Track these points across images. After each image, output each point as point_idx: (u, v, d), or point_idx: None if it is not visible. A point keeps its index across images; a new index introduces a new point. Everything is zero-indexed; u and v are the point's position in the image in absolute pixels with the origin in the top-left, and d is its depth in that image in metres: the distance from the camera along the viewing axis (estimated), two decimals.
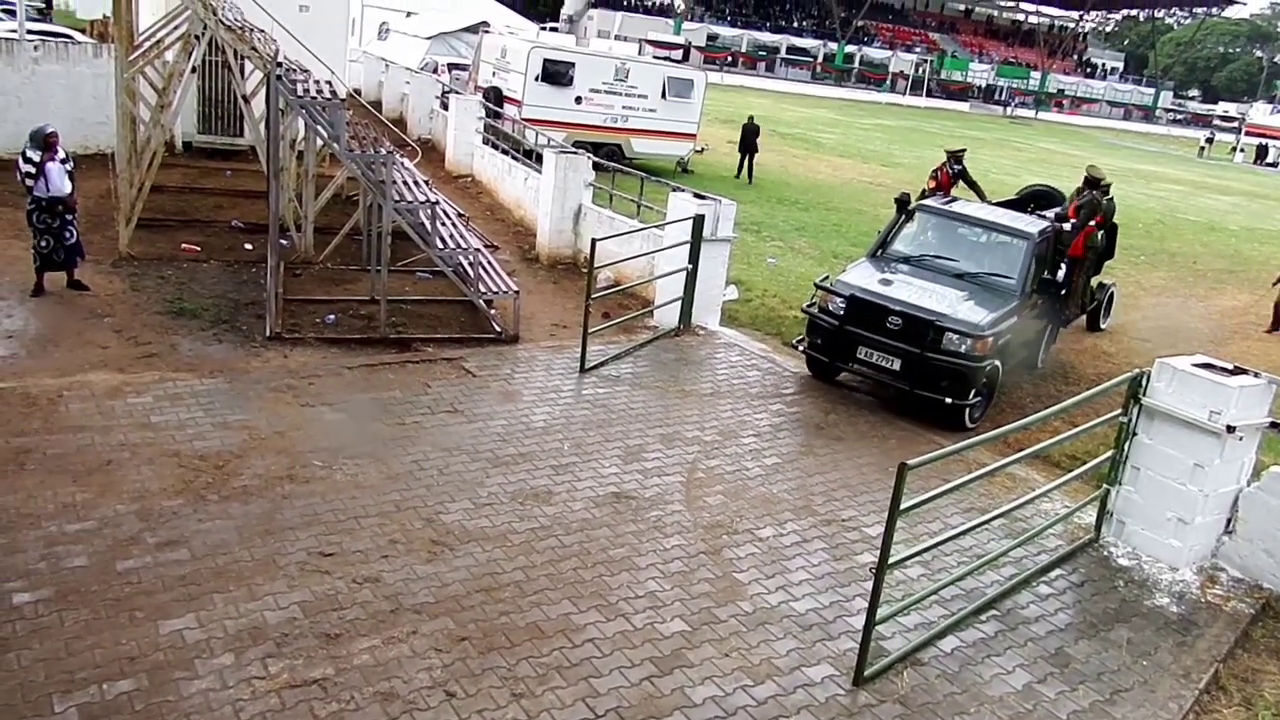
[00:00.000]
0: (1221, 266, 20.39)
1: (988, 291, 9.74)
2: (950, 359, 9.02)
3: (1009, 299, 9.71)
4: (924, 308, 9.22)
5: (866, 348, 9.41)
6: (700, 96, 23.17)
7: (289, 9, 13.67)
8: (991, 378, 9.47)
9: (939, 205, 11.25)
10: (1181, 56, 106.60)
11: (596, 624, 5.61)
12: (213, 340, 9.30)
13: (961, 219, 10.86)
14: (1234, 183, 43.54)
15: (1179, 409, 6.87)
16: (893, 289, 9.59)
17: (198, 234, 12.60)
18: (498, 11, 38.13)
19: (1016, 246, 10.24)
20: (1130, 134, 75.85)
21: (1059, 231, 10.97)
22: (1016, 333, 9.81)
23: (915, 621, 5.99)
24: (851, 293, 9.56)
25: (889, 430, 9.19)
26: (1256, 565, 6.99)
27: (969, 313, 9.24)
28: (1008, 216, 11.00)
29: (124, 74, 11.41)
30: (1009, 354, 9.80)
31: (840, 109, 56.67)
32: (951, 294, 9.53)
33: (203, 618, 5.19)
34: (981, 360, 9.07)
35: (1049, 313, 11.13)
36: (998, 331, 9.20)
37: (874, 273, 10.06)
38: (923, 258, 10.35)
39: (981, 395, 9.47)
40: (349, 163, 10.36)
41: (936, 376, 9.09)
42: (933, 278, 9.90)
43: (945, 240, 10.64)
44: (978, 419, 9.53)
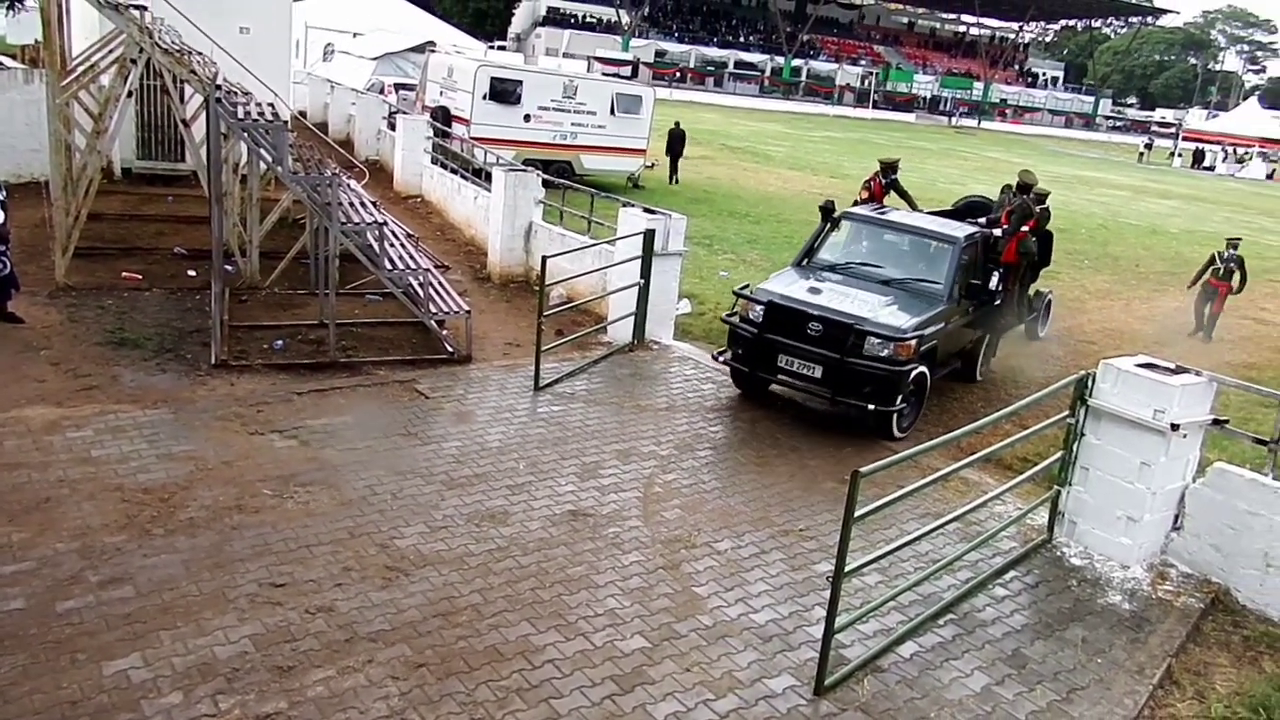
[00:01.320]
0: (1163, 269, 20.78)
1: (913, 297, 9.60)
2: (872, 364, 8.81)
3: (935, 304, 9.56)
4: (844, 312, 9.04)
5: (787, 355, 9.16)
6: (649, 112, 23.25)
7: (229, 31, 13.50)
8: (920, 384, 9.32)
9: (865, 212, 11.10)
10: (1119, 65, 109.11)
11: (556, 644, 5.54)
12: (156, 370, 9.09)
13: (887, 225, 10.72)
14: (1173, 187, 44.50)
15: (1124, 409, 6.99)
16: (814, 295, 9.39)
17: (139, 262, 12.34)
18: (444, 31, 38.12)
19: (942, 251, 10.11)
20: (1072, 141, 77.32)
21: (989, 238, 10.87)
22: (945, 338, 9.70)
23: (874, 629, 6.01)
24: (770, 299, 9.32)
25: (843, 439, 9.20)
26: (1204, 560, 7.11)
27: (891, 317, 9.05)
28: (934, 222, 10.91)
29: (57, 99, 11.16)
30: (938, 360, 9.70)
31: (789, 122, 57.18)
32: (874, 299, 9.36)
33: (149, 656, 5.04)
34: (904, 364, 8.85)
35: (983, 321, 10.92)
36: (921, 335, 8.99)
37: (796, 280, 9.85)
38: (848, 265, 10.20)
39: (909, 402, 9.28)
40: (293, 186, 10.22)
41: (859, 383, 8.87)
42: (857, 284, 9.73)
43: (871, 247, 10.52)
44: (907, 428, 9.37)
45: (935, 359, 9.55)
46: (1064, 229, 24.38)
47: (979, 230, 10.81)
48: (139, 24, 10.80)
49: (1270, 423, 7.64)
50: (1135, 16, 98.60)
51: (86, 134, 11.52)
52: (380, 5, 43.05)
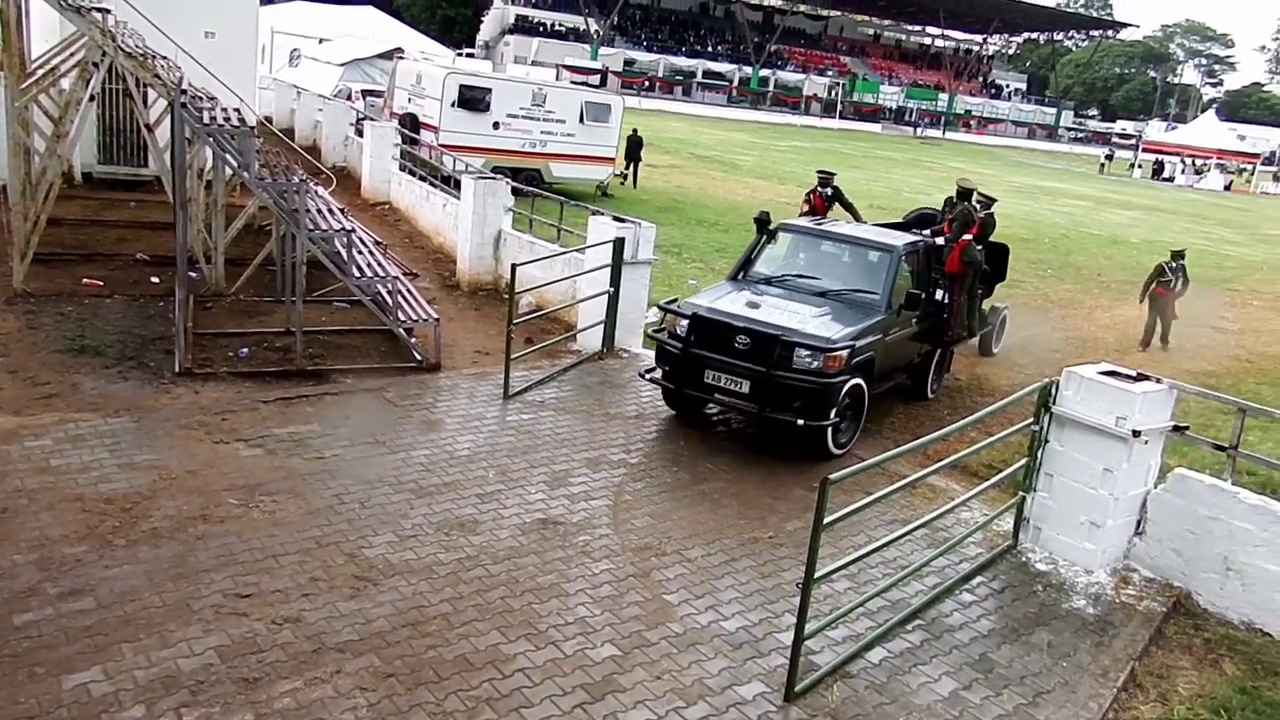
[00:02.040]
0: (1124, 278, 21.02)
1: (849, 308, 9.29)
2: (800, 377, 8.41)
3: (871, 314, 9.25)
4: (771, 324, 8.67)
5: (714, 371, 8.73)
6: (618, 121, 23.28)
7: (194, 35, 13.37)
8: (856, 397, 8.98)
9: (801, 223, 10.82)
10: (1081, 77, 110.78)
11: (526, 653, 5.51)
12: (118, 378, 8.95)
13: (824, 236, 10.44)
14: (1133, 198, 45.22)
15: (1087, 416, 7.08)
16: (743, 308, 9.03)
17: (100, 268, 12.15)
18: (412, 37, 37.99)
19: (879, 261, 9.84)
20: (1035, 152, 78.41)
21: (932, 247, 10.62)
22: (884, 351, 9.37)
23: (843, 635, 6.03)
24: (695, 312, 8.96)
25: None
26: (1166, 565, 7.20)
27: (821, 327, 8.69)
28: (872, 231, 10.68)
29: (15, 103, 10.99)
30: (877, 373, 9.32)
31: (756, 131, 57.49)
32: (807, 311, 9.03)
33: (110, 669, 4.95)
34: (835, 377, 8.46)
35: (929, 334, 10.61)
36: (853, 347, 8.65)
37: (728, 293, 9.49)
38: (784, 277, 9.90)
39: (846, 417, 8.94)
40: (260, 192, 10.12)
41: (787, 397, 8.47)
42: (792, 296, 9.44)
43: (808, 259, 10.24)
44: (845, 444, 9.03)
45: (873, 372, 9.17)
46: (1027, 238, 24.83)
47: (920, 240, 10.56)
48: (101, 27, 10.66)
49: (1229, 429, 7.78)
50: (1096, 30, 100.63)
51: (46, 138, 11.35)
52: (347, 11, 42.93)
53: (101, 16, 10.78)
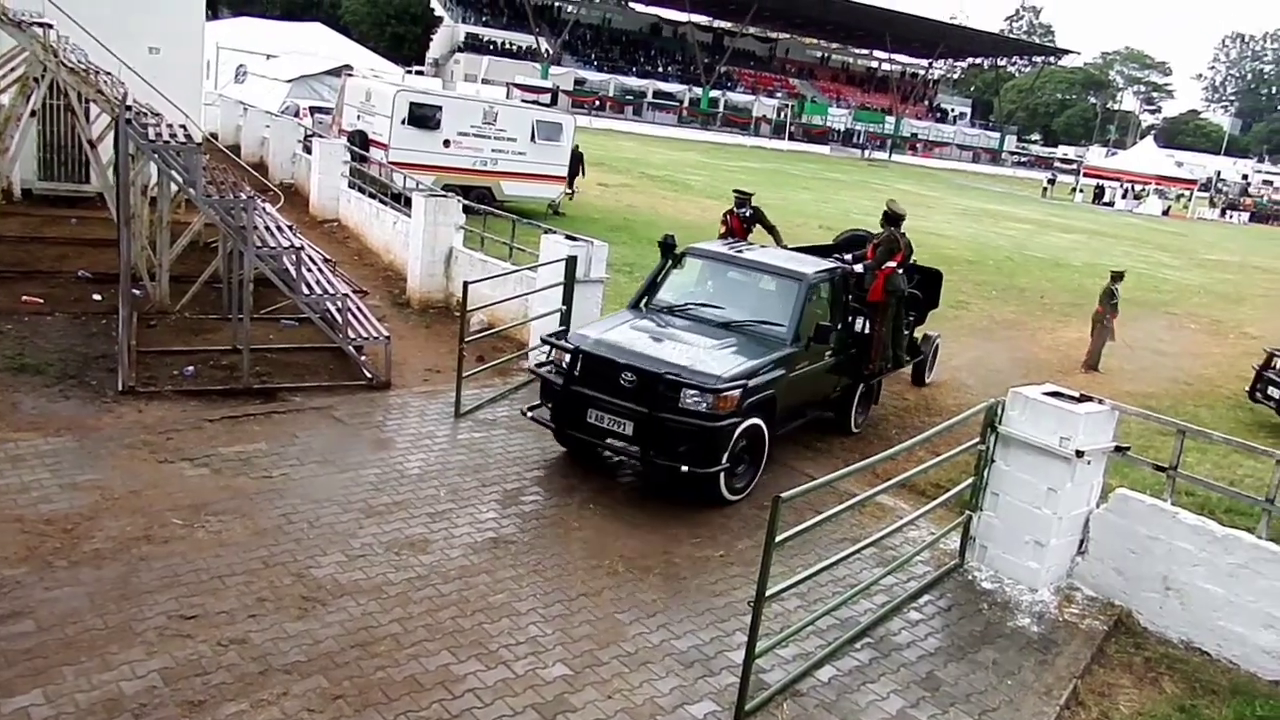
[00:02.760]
0: (1066, 300, 21.38)
1: (753, 341, 8.66)
2: (685, 419, 7.71)
3: (774, 348, 8.62)
4: (658, 360, 7.97)
5: (597, 410, 8.05)
6: (569, 140, 23.36)
7: (139, 51, 13.21)
8: (754, 439, 8.29)
9: (708, 247, 10.17)
10: (1023, 102, 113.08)
11: (477, 673, 5.49)
12: (59, 397, 8.77)
13: (731, 262, 9.80)
14: (1075, 221, 45.96)
15: (1032, 436, 7.17)
16: (633, 341, 8.35)
17: (40, 285, 11.92)
18: (361, 54, 37.81)
19: (787, 290, 9.19)
20: (979, 175, 79.89)
21: (850, 274, 10.05)
22: (790, 387, 8.71)
23: (793, 653, 6.07)
24: (578, 345, 8.30)
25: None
26: (1108, 584, 7.31)
27: (713, 364, 8.00)
28: (782, 258, 10.01)
29: None
30: (781, 412, 8.66)
31: (707, 152, 57.96)
32: (703, 344, 8.38)
33: (51, 693, 4.85)
34: (725, 419, 7.75)
35: (848, 367, 10.05)
36: (746, 386, 7.95)
37: (623, 323, 8.87)
38: (688, 306, 9.27)
39: (742, 460, 8.28)
40: (206, 208, 10.01)
41: (672, 441, 7.75)
42: (694, 328, 8.80)
43: (716, 286, 9.64)
44: (743, 489, 8.36)
45: (775, 410, 8.51)
46: (973, 260, 25.27)
47: (837, 267, 9.98)
48: (43, 42, 10.51)
49: (1168, 450, 7.91)
50: (1038, 56, 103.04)
51: None
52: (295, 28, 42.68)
53: (43, 31, 10.64)
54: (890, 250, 10.28)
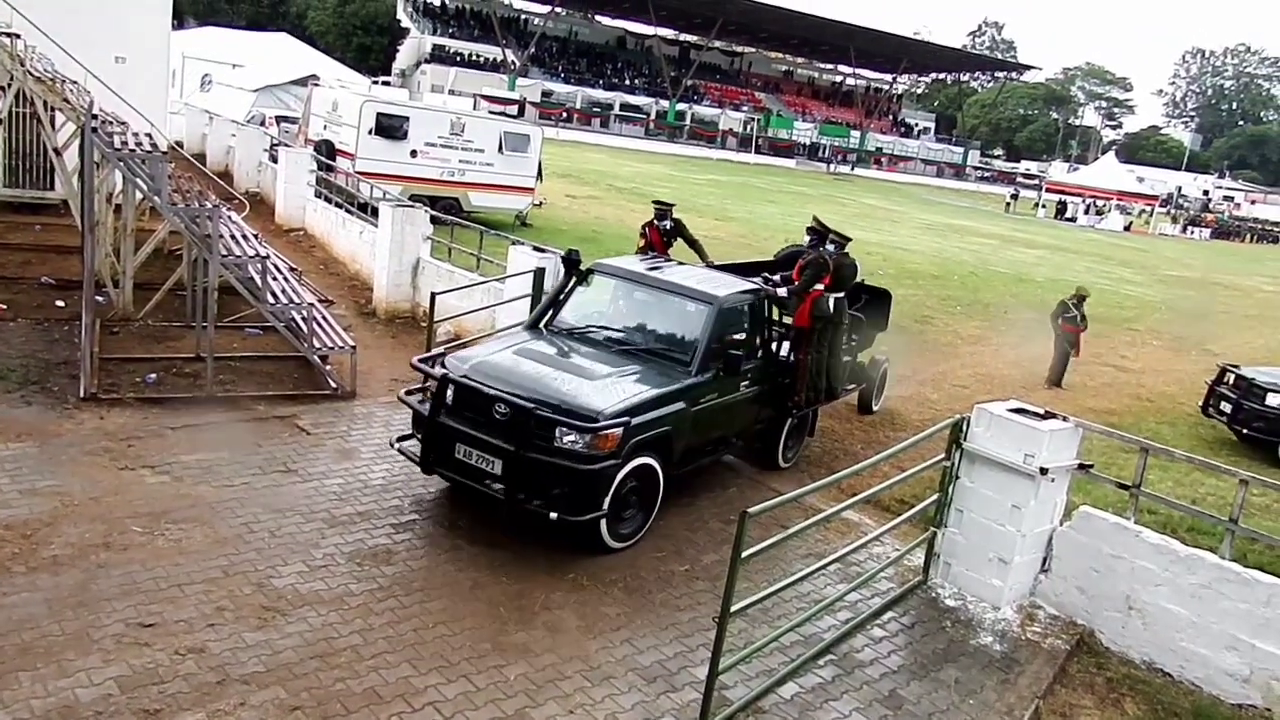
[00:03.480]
0: (1030, 316, 20.96)
1: (652, 371, 7.88)
2: (557, 459, 6.90)
3: (675, 378, 7.84)
4: (533, 391, 7.15)
5: (465, 445, 7.24)
6: (537, 151, 23.41)
7: (105, 60, 13.16)
8: (645, 480, 7.50)
9: (616, 264, 9.36)
10: (986, 117, 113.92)
11: (437, 686, 5.52)
12: (20, 403, 8.71)
13: (639, 281, 8.97)
14: (1038, 237, 46.19)
15: (996, 452, 7.16)
16: (510, 368, 7.52)
17: (3, 291, 11.81)
18: (327, 65, 37.63)
19: (694, 314, 8.39)
20: (944, 190, 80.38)
21: (773, 297, 9.32)
22: (694, 421, 7.91)
23: (757, 669, 6.07)
24: (445, 374, 7.46)
25: (729, 477, 9.33)
26: (1070, 602, 7.30)
27: (595, 397, 7.18)
28: (696, 277, 9.13)
29: None
30: (681, 449, 7.85)
31: (674, 164, 58.18)
32: (592, 374, 7.59)
33: (6, 699, 4.85)
34: (604, 460, 6.94)
35: (770, 398, 9.24)
36: (629, 423, 7.07)
37: (509, 347, 8.08)
38: (589, 329, 8.56)
39: (630, 504, 7.48)
40: (172, 216, 9.99)
41: (543, 483, 6.97)
42: (588, 354, 8.05)
43: (622, 308, 8.93)
44: (630, 535, 7.56)
45: (672, 449, 7.72)
46: (937, 275, 25.46)
47: (758, 289, 9.19)
48: (9, 51, 10.47)
49: (1131, 467, 7.93)
50: (1001, 71, 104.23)
51: None
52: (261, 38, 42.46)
53: (10, 41, 10.60)
54: (818, 272, 9.38)
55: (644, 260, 10.02)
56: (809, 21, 76.49)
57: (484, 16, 76.61)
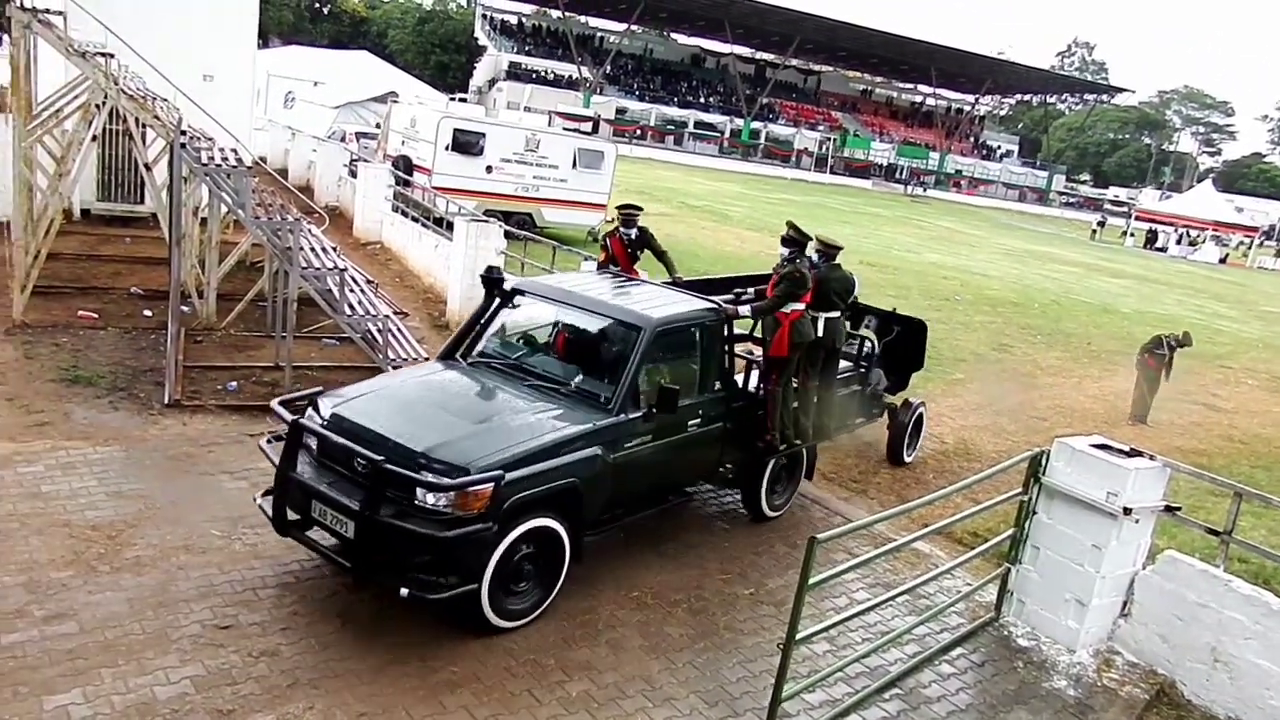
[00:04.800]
0: (1114, 348, 20.46)
1: (563, 411, 6.63)
2: (414, 523, 5.73)
3: (588, 420, 6.56)
4: (397, 439, 6.02)
5: (321, 504, 6.10)
6: (611, 168, 23.60)
7: (193, 78, 13.63)
8: (544, 544, 6.27)
9: (542, 283, 8.23)
10: (1073, 141, 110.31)
11: (501, 699, 5.55)
12: (108, 408, 9.05)
13: (566, 302, 7.69)
14: (1125, 266, 44.50)
15: (1077, 489, 6.89)
16: (378, 412, 6.40)
17: (95, 301, 12.31)
18: (406, 82, 38.37)
19: (624, 341, 7.12)
20: (1025, 215, 78.10)
21: (732, 318, 7.84)
22: (616, 471, 6.62)
23: (820, 699, 5.97)
24: (296, 419, 6.28)
25: (796, 501, 9.08)
26: (1151, 650, 6.98)
27: (469, 446, 5.98)
28: (631, 297, 7.82)
29: (21, 143, 11.24)
30: (597, 505, 6.62)
31: (747, 183, 58.11)
32: (482, 415, 6.49)
33: (89, 693, 5.03)
34: (470, 524, 5.72)
35: (734, 437, 7.85)
36: (509, 478, 5.83)
37: (391, 384, 7.10)
38: (506, 361, 7.42)
39: (524, 575, 6.24)
40: (255, 229, 10.30)
41: (404, 551, 5.82)
42: (493, 391, 6.88)
43: (547, 334, 7.81)
44: (524, 612, 6.29)
45: (583, 505, 6.44)
46: (1016, 303, 24.84)
47: (710, 309, 7.73)
48: (104, 70, 10.92)
49: (1220, 512, 7.57)
50: (1090, 94, 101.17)
51: (49, 176, 11.60)
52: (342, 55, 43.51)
53: (105, 60, 11.06)
54: (793, 287, 7.93)
55: (598, 276, 8.92)
56: (889, 40, 75.87)
57: (560, 34, 77.59)
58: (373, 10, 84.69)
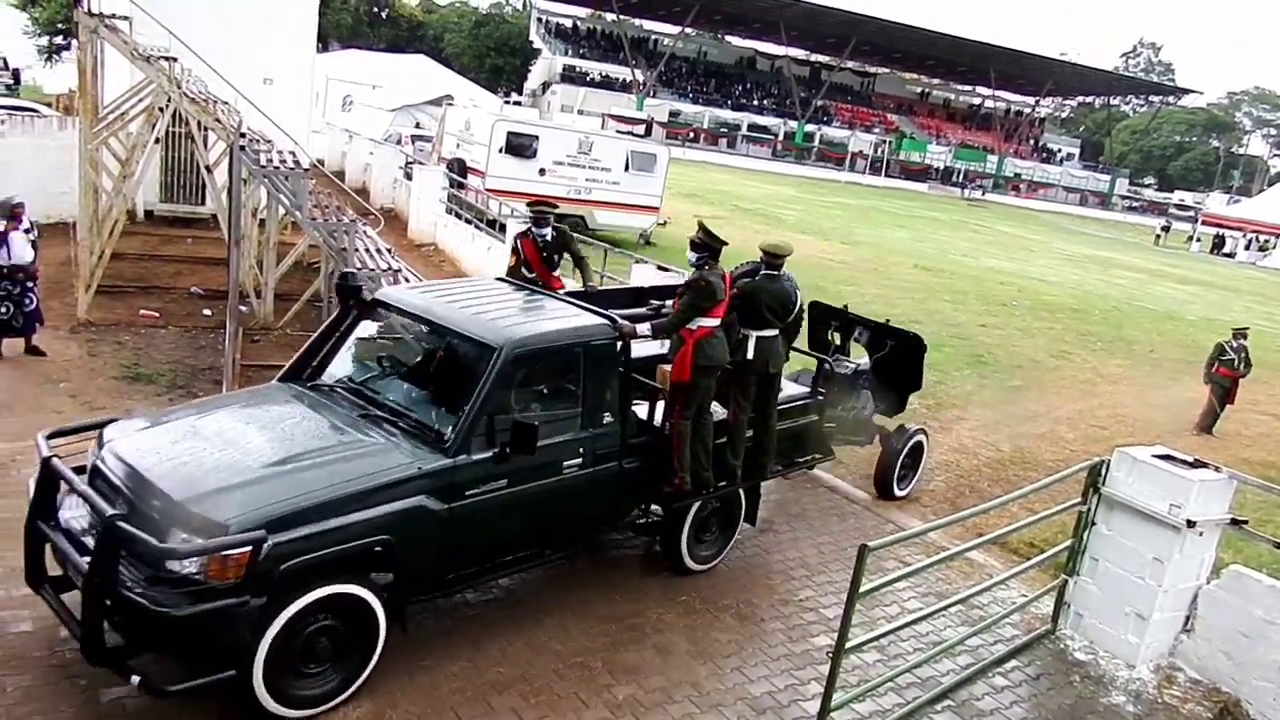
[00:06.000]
0: (1179, 356, 19.89)
1: (390, 451, 5.47)
2: (149, 594, 4.66)
3: (413, 463, 5.39)
4: (154, 485, 5.00)
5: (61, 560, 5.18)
6: (663, 171, 23.61)
7: (253, 81, 13.84)
8: (343, 616, 5.14)
9: (398, 294, 6.90)
10: (1137, 144, 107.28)
11: (547, 700, 5.55)
12: (168, 405, 9.20)
13: (420, 318, 6.47)
14: (1191, 272, 43.29)
15: (1139, 500, 6.73)
16: (146, 451, 5.32)
17: (157, 300, 12.60)
18: (461, 85, 38.81)
19: (474, 366, 5.86)
20: (1087, 220, 76.36)
21: (625, 336, 6.46)
22: (446, 526, 5.45)
23: (870, 709, 5.88)
24: (47, 457, 5.27)
25: (845, 505, 9.10)
26: (1214, 667, 6.76)
27: (235, 499, 4.87)
28: (494, 311, 6.46)
29: (88, 145, 11.54)
30: (422, 567, 5.45)
31: (801, 186, 57.77)
32: (274, 458, 5.26)
33: None
34: (222, 596, 4.64)
35: (635, 480, 6.60)
36: (274, 540, 4.70)
37: (189, 415, 5.92)
38: (350, 386, 6.27)
39: (321, 659, 5.14)
40: (311, 230, 10.43)
41: (135, 628, 4.78)
42: (315, 425, 5.71)
43: (402, 354, 6.55)
44: (320, 699, 5.16)
45: (400, 565, 5.30)
46: (1077, 309, 24.31)
47: (595, 327, 6.46)
48: (168, 75, 11.15)
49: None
50: (1155, 95, 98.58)
51: (114, 177, 11.89)
52: (399, 59, 44.06)
53: (168, 65, 11.29)
54: (699, 299, 6.61)
55: (479, 285, 7.61)
56: (946, 41, 74.99)
57: (614, 37, 77.82)
58: (429, 14, 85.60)
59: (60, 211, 15.50)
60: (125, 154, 11.88)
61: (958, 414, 12.77)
